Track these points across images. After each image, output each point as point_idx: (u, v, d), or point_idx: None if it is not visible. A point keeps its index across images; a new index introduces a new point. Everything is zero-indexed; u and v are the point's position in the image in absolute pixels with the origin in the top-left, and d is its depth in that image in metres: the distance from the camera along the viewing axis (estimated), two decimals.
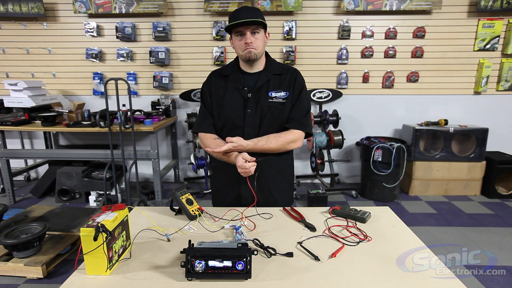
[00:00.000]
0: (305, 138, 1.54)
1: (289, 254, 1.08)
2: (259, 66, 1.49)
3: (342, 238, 1.19)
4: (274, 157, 1.49)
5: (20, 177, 4.18)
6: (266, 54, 1.51)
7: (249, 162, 1.33)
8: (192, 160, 3.55)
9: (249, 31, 1.38)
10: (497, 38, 3.64)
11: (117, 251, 1.04)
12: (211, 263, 0.94)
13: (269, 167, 1.50)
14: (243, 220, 1.33)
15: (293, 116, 1.47)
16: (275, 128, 1.47)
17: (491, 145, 3.73)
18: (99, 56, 3.80)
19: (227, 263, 0.94)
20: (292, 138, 1.46)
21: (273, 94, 1.45)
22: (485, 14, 3.60)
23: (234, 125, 1.47)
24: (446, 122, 3.66)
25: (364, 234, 1.22)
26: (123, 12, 3.62)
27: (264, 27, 1.42)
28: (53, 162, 3.86)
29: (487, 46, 3.67)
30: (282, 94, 1.46)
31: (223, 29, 3.68)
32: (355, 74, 3.81)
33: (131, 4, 3.60)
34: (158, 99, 3.74)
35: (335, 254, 1.08)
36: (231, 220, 1.34)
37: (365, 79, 3.80)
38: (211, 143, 1.47)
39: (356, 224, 1.31)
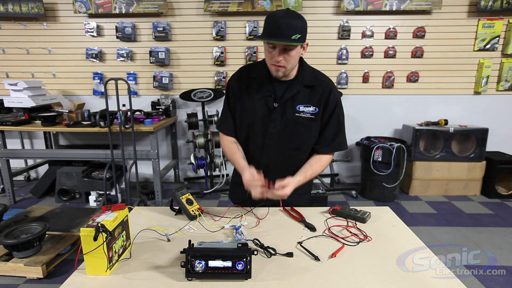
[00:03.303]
0: None
1: (289, 254, 1.08)
2: (290, 74, 1.34)
3: (342, 238, 1.19)
4: (285, 160, 1.42)
5: (20, 177, 4.17)
6: (300, 59, 1.35)
7: (257, 180, 1.25)
8: (192, 160, 3.55)
9: (281, 46, 1.20)
10: (497, 38, 3.64)
11: (117, 251, 1.03)
12: (211, 263, 0.94)
13: (285, 173, 1.36)
14: (243, 220, 1.33)
15: (329, 139, 1.38)
16: (298, 143, 1.38)
17: (491, 145, 3.73)
18: (99, 56, 3.80)
19: (227, 263, 0.94)
20: (330, 159, 1.44)
21: (301, 108, 1.32)
22: (485, 14, 3.60)
23: (255, 134, 1.38)
24: (446, 122, 3.66)
25: (364, 234, 1.22)
26: (123, 12, 3.62)
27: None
28: (53, 162, 3.85)
29: (487, 46, 3.67)
30: (311, 109, 1.33)
31: (223, 29, 3.69)
32: (355, 74, 3.81)
33: (131, 4, 3.60)
34: (158, 99, 3.74)
35: (335, 254, 1.08)
36: (232, 218, 1.34)
37: (365, 79, 3.80)
38: (227, 148, 1.43)
39: (356, 224, 1.31)
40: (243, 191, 1.38)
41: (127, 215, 1.11)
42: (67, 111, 3.39)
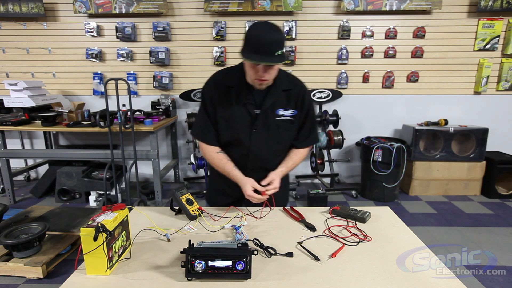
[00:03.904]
0: None
1: (289, 254, 1.08)
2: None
3: (342, 238, 1.19)
4: (270, 161, 1.47)
5: (20, 177, 4.17)
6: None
7: (259, 192, 1.35)
8: (192, 160, 3.55)
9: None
10: (497, 38, 3.64)
11: (117, 251, 1.04)
12: (211, 263, 0.94)
13: (266, 170, 1.46)
14: (243, 220, 1.33)
15: (305, 136, 1.49)
16: (281, 145, 1.46)
17: (491, 145, 3.73)
18: (99, 56, 3.80)
19: (227, 263, 0.94)
20: (307, 151, 1.54)
21: (281, 112, 1.39)
22: (485, 14, 3.60)
23: (240, 142, 1.41)
24: (446, 122, 3.66)
25: (364, 234, 1.22)
26: (123, 12, 3.62)
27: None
28: (53, 162, 3.85)
29: (487, 46, 3.67)
30: (290, 112, 1.40)
31: (223, 29, 3.69)
32: (355, 74, 3.81)
33: (131, 4, 3.60)
34: (158, 99, 3.74)
35: (335, 254, 1.08)
36: (232, 218, 1.34)
37: (365, 79, 3.80)
38: (216, 157, 1.44)
39: (356, 224, 1.31)
40: (224, 199, 1.48)
41: (127, 215, 1.11)
42: (67, 111, 3.39)
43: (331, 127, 3.79)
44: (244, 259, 0.94)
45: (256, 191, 1.36)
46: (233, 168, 1.41)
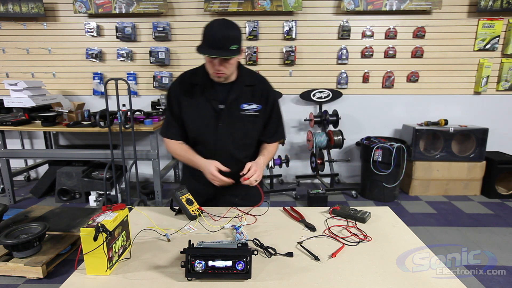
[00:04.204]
0: None
1: (289, 254, 1.08)
2: (231, 77, 1.41)
3: (342, 238, 1.19)
4: (237, 154, 1.48)
5: (20, 177, 4.18)
6: (238, 63, 1.42)
7: (223, 174, 1.35)
8: None
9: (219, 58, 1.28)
10: (497, 38, 3.64)
11: (117, 251, 1.03)
12: (211, 263, 0.94)
13: (238, 166, 1.43)
14: (243, 220, 1.33)
15: (272, 131, 1.53)
16: (248, 139, 1.49)
17: (491, 145, 3.73)
18: (99, 56, 3.80)
19: (227, 263, 0.94)
20: (277, 146, 1.61)
21: (245, 107, 1.43)
22: (485, 14, 3.60)
23: (206, 137, 1.44)
24: (446, 122, 3.66)
25: (364, 234, 1.22)
26: (123, 12, 3.62)
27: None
28: (53, 162, 3.85)
29: (487, 46, 3.67)
30: (255, 106, 1.44)
31: None
32: (355, 74, 3.81)
33: (131, 4, 3.60)
34: (158, 99, 3.73)
35: (335, 254, 1.08)
36: (232, 218, 1.34)
37: (365, 79, 3.80)
38: (178, 148, 1.49)
39: (356, 224, 1.31)
40: (198, 198, 1.42)
41: (127, 215, 1.11)
42: (67, 111, 3.39)
43: (331, 127, 3.79)
44: (244, 259, 0.94)
45: (221, 172, 1.37)
46: (195, 154, 1.45)
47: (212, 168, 1.36)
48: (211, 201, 1.51)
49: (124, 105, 3.04)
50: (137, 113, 3.39)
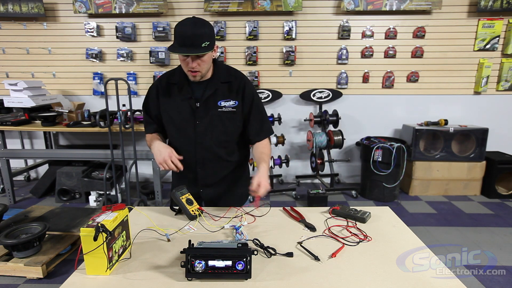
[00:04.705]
0: None
1: (289, 254, 1.08)
2: (207, 74, 1.42)
3: (342, 238, 1.19)
4: (217, 151, 1.48)
5: (20, 177, 4.17)
6: (213, 60, 1.44)
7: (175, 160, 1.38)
8: None
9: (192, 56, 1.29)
10: (497, 38, 3.64)
11: (117, 251, 1.04)
12: (211, 263, 0.94)
13: (221, 164, 1.51)
14: (243, 220, 1.33)
15: (258, 128, 1.50)
16: (227, 135, 1.47)
17: (491, 145, 3.73)
18: (99, 56, 3.80)
19: (227, 263, 0.94)
20: (268, 142, 1.56)
21: (222, 104, 1.43)
22: (485, 14, 3.60)
23: (186, 134, 1.46)
24: (446, 122, 3.66)
25: (364, 234, 1.22)
26: (123, 12, 3.62)
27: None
28: (53, 162, 3.85)
29: (487, 46, 3.67)
30: (232, 103, 1.44)
31: (223, 29, 3.69)
32: (355, 74, 3.81)
33: (131, 4, 3.60)
34: None
35: (335, 254, 1.08)
36: (232, 218, 1.34)
37: (365, 79, 3.80)
38: (149, 137, 1.54)
39: (356, 224, 1.31)
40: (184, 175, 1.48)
41: (127, 215, 1.11)
42: (67, 111, 3.39)
43: (331, 127, 3.79)
44: (244, 259, 0.94)
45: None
46: (158, 138, 1.50)
47: (166, 154, 1.38)
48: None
49: (124, 105, 3.04)
50: (137, 113, 3.39)
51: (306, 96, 3.79)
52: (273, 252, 1.08)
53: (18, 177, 4.07)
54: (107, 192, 3.23)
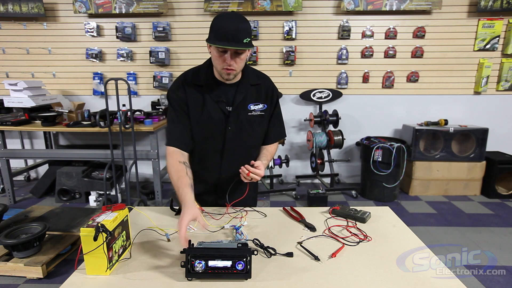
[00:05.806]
0: None
1: (289, 254, 1.08)
2: (237, 76, 1.34)
3: (342, 238, 1.19)
4: (245, 156, 1.41)
5: (20, 177, 4.17)
6: None
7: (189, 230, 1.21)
8: None
9: (232, 50, 1.20)
10: (497, 38, 3.64)
11: (117, 251, 1.03)
12: (211, 263, 0.94)
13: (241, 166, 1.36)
14: (243, 220, 1.33)
15: (277, 132, 1.49)
16: (255, 140, 1.44)
17: (491, 145, 3.73)
18: (99, 56, 3.80)
19: (227, 263, 0.94)
20: (277, 145, 1.55)
21: (252, 107, 1.37)
22: (485, 14, 3.60)
23: (213, 141, 1.37)
24: (446, 122, 3.66)
25: (364, 234, 1.22)
26: (123, 12, 3.62)
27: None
28: (53, 162, 3.85)
29: (487, 46, 3.67)
30: (261, 106, 1.39)
31: None
32: (355, 74, 3.81)
33: (131, 4, 3.60)
34: (158, 99, 3.73)
35: (335, 254, 1.08)
36: (233, 217, 1.34)
37: (365, 79, 3.80)
38: (175, 170, 1.28)
39: (356, 224, 1.31)
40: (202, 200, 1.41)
41: (127, 215, 1.11)
42: (67, 111, 3.39)
43: (331, 127, 3.79)
44: (244, 259, 0.94)
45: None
46: (187, 185, 1.23)
47: (185, 219, 1.08)
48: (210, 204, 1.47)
49: (124, 105, 3.04)
50: (137, 113, 3.39)
51: (306, 96, 3.79)
52: (273, 252, 1.08)
53: (18, 177, 4.07)
54: (107, 192, 3.23)
